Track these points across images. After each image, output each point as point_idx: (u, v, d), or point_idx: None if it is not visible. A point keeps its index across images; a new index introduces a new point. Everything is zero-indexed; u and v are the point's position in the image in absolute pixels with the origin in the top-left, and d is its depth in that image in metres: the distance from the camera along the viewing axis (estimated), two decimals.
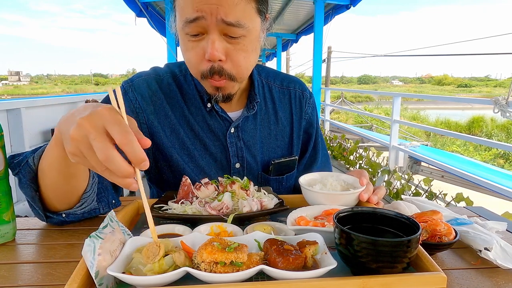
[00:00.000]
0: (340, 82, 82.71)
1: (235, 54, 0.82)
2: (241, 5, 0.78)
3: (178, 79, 1.00)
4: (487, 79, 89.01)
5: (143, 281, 0.51)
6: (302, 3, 6.13)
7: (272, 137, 1.05)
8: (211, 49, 0.79)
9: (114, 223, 0.60)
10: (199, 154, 0.98)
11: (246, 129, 1.01)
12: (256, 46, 0.88)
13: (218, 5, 0.76)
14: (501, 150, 11.45)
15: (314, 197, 0.81)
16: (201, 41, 0.81)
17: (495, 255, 0.64)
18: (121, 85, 0.97)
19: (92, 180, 0.79)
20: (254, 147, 1.02)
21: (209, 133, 0.99)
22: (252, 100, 1.01)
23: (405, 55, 14.61)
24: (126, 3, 5.36)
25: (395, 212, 0.61)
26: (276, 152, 1.06)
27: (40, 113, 3.11)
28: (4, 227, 0.72)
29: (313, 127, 1.14)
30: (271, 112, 1.06)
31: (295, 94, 1.10)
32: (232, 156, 0.99)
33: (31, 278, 0.60)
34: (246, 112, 1.00)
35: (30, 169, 0.75)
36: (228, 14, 0.77)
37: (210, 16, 0.76)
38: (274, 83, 1.09)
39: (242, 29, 0.79)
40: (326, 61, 14.31)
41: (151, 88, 0.97)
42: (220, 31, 0.79)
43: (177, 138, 0.97)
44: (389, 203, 0.86)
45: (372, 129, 12.19)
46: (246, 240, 0.61)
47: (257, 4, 0.82)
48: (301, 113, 1.10)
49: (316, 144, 1.14)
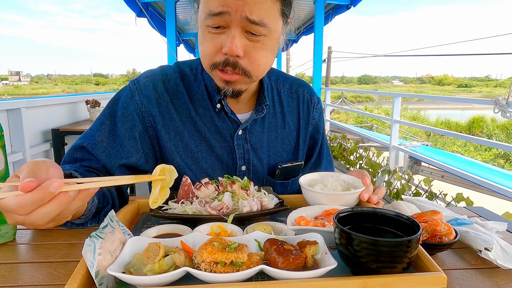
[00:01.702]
0: (340, 82, 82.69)
1: (254, 51, 0.82)
2: (266, 4, 0.78)
3: (188, 79, 0.99)
4: (487, 79, 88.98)
5: (143, 281, 0.51)
6: (302, 3, 6.12)
7: (278, 141, 1.04)
8: (230, 44, 0.78)
9: (114, 223, 0.60)
10: (203, 157, 0.97)
11: (254, 131, 1.00)
12: (275, 47, 0.87)
13: (244, 2, 0.75)
14: (501, 150, 11.45)
15: (314, 197, 0.81)
16: (221, 34, 0.80)
17: (495, 255, 0.64)
18: (128, 86, 0.97)
19: (91, 205, 0.76)
20: (261, 150, 1.01)
21: (216, 134, 0.98)
22: (261, 103, 1.00)
23: (405, 55, 14.61)
24: (126, 3, 5.36)
25: (395, 212, 0.61)
26: (282, 156, 1.05)
27: (40, 113, 3.11)
28: (4, 227, 0.72)
29: (319, 133, 1.13)
30: (279, 115, 1.05)
31: (303, 99, 1.10)
32: (239, 158, 0.98)
33: (31, 277, 0.60)
34: (255, 114, 0.99)
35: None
36: (253, 12, 0.76)
37: (235, 12, 0.76)
38: (283, 87, 1.09)
39: (265, 28, 0.79)
40: (326, 61, 14.31)
41: (157, 90, 0.95)
42: (242, 28, 0.79)
43: (181, 140, 0.96)
44: (389, 203, 0.86)
45: (372, 129, 12.19)
46: (246, 240, 0.61)
47: (281, 5, 0.82)
48: (308, 118, 1.10)
49: (321, 150, 1.14)
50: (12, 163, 2.69)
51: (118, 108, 0.93)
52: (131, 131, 0.91)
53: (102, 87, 64.09)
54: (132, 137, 0.91)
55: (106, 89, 55.42)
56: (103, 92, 7.91)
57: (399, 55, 12.15)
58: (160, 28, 6.23)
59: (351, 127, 7.98)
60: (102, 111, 0.96)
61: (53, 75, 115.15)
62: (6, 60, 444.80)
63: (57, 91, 53.27)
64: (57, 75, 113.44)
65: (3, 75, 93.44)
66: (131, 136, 0.91)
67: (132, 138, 0.91)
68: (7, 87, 68.49)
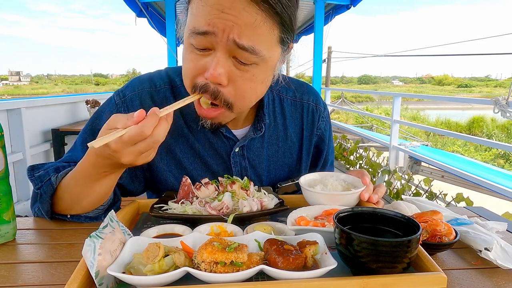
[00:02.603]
0: (340, 82, 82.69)
1: (240, 82, 0.73)
2: (261, 29, 0.68)
3: (178, 90, 0.91)
4: (487, 79, 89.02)
5: (143, 281, 0.51)
6: (302, 3, 6.12)
7: (279, 155, 0.99)
8: (212, 69, 0.69)
9: (114, 223, 0.60)
10: (198, 174, 0.92)
11: (252, 148, 0.95)
12: (268, 77, 0.78)
13: (234, 23, 0.66)
14: (501, 150, 11.45)
15: (314, 197, 0.81)
16: (206, 56, 0.72)
17: (495, 255, 0.64)
18: (112, 99, 0.90)
19: (109, 198, 0.82)
20: (260, 167, 0.96)
21: (211, 151, 0.92)
22: (260, 121, 0.93)
23: (405, 55, 14.62)
24: (126, 3, 5.36)
25: (395, 212, 0.61)
26: (283, 170, 1.00)
27: (40, 113, 3.11)
28: (4, 227, 0.72)
29: (325, 143, 1.06)
30: (281, 128, 0.98)
31: (308, 108, 1.02)
32: (235, 175, 0.92)
33: (32, 277, 0.60)
34: (253, 133, 0.93)
35: (52, 187, 0.78)
36: (242, 36, 0.67)
37: (222, 33, 0.67)
38: (286, 95, 1.01)
39: (256, 56, 0.70)
40: (326, 61, 14.30)
41: (144, 106, 0.87)
42: (229, 52, 0.70)
43: (173, 158, 0.91)
44: (389, 203, 0.86)
45: (372, 129, 12.18)
46: (246, 240, 0.61)
47: (281, 32, 0.72)
48: (313, 128, 1.03)
49: (325, 161, 1.09)
50: (12, 163, 2.70)
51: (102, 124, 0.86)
52: None
53: (102, 87, 64.03)
54: None
55: (106, 89, 55.41)
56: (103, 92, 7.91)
57: (399, 55, 12.17)
58: (160, 28, 6.22)
59: (351, 127, 7.98)
60: (85, 125, 0.90)
61: (53, 75, 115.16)
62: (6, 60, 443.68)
63: (57, 91, 53.26)
64: (57, 75, 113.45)
65: (3, 75, 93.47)
66: None
67: None
68: (7, 87, 68.49)
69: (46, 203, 0.79)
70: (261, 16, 0.68)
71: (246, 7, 0.66)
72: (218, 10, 0.67)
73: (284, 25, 0.71)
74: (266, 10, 0.67)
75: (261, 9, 0.67)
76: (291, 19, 0.72)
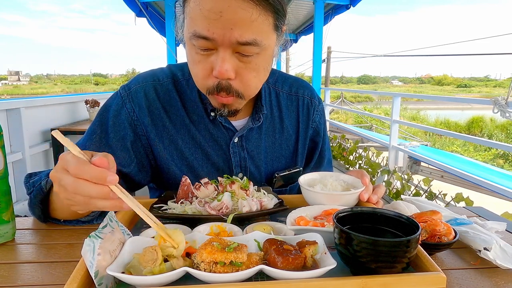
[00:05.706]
0: (340, 82, 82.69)
1: (245, 73, 0.78)
2: (257, 21, 0.72)
3: (180, 84, 0.96)
4: (486, 79, 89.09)
5: (142, 281, 0.51)
6: (302, 3, 6.12)
7: (276, 146, 1.02)
8: (220, 67, 0.74)
9: (114, 223, 0.60)
10: (199, 164, 0.95)
11: (251, 138, 0.98)
12: (269, 63, 0.83)
13: (233, 27, 0.70)
14: (500, 150, 11.46)
15: (314, 197, 0.81)
16: (210, 56, 0.76)
17: (494, 255, 0.64)
18: (118, 93, 0.94)
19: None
20: (258, 157, 0.99)
21: (211, 141, 0.95)
22: (258, 111, 0.97)
23: (405, 55, 14.60)
24: (126, 3, 5.36)
25: (394, 212, 0.61)
26: (280, 161, 1.03)
27: (39, 113, 3.11)
28: (3, 227, 0.72)
29: (320, 136, 1.10)
30: (277, 120, 1.02)
31: (303, 101, 1.06)
32: (235, 166, 0.96)
33: (31, 278, 0.60)
34: (252, 123, 0.96)
35: (41, 192, 0.78)
36: (243, 34, 0.71)
37: (223, 37, 0.71)
38: (282, 89, 1.05)
39: (257, 47, 0.74)
40: (326, 61, 14.31)
41: (148, 98, 0.92)
42: (232, 49, 0.74)
43: (176, 148, 0.94)
44: (389, 203, 0.86)
45: (372, 129, 12.19)
46: (246, 240, 0.61)
47: (274, 20, 0.77)
48: (308, 121, 1.06)
49: (322, 152, 1.11)
50: (11, 163, 2.69)
51: (109, 116, 0.91)
52: (123, 141, 0.89)
53: (101, 87, 64.02)
54: (125, 148, 0.89)
55: (105, 89, 55.38)
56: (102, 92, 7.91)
57: (399, 55, 12.16)
58: (159, 28, 6.22)
59: (350, 127, 7.98)
60: (94, 119, 0.93)
61: (52, 75, 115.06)
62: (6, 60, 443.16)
63: (57, 91, 53.24)
64: (57, 75, 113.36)
65: (3, 75, 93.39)
66: (124, 146, 0.89)
67: (125, 148, 0.89)
68: (6, 87, 68.45)
69: (36, 208, 0.79)
70: (256, 10, 0.71)
71: (242, 5, 0.70)
72: (216, 14, 0.69)
73: (277, 12, 0.76)
74: (260, 2, 0.71)
75: (255, 3, 0.71)
76: (282, 5, 0.77)
